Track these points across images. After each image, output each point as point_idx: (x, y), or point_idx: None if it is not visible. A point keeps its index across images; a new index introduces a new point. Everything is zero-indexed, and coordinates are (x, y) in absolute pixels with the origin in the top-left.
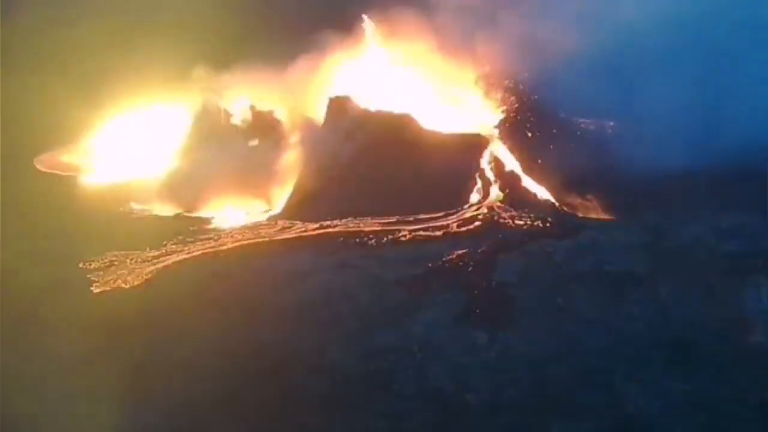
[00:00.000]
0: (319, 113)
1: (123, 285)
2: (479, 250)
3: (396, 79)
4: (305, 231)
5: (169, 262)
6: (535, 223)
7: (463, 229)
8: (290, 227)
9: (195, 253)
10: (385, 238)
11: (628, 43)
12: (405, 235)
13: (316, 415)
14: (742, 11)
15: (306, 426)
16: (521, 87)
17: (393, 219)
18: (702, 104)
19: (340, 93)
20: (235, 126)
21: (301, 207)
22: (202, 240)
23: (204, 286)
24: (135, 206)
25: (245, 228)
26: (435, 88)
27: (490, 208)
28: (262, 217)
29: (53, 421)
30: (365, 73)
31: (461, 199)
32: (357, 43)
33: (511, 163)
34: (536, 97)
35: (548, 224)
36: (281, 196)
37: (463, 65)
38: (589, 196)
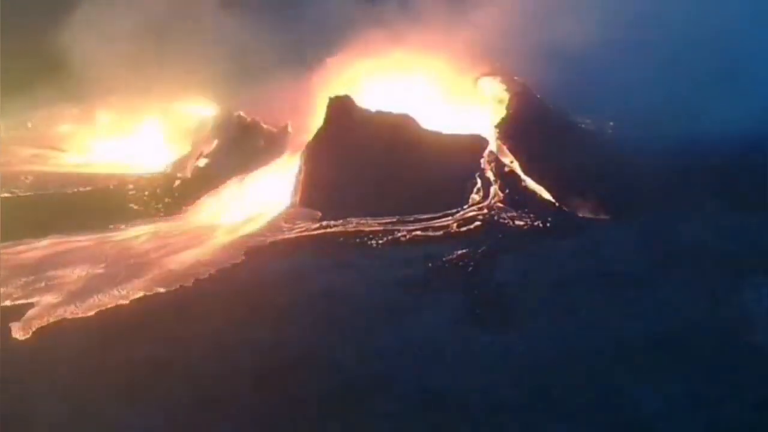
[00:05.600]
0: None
1: None
2: (479, 250)
3: (395, 80)
4: (305, 231)
5: (168, 260)
6: (535, 223)
7: (463, 229)
8: (290, 227)
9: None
10: (385, 238)
11: (628, 43)
12: (405, 235)
13: (316, 416)
14: (743, 11)
15: (304, 426)
16: (521, 87)
17: (393, 219)
18: (702, 104)
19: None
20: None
21: (301, 207)
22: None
23: (202, 285)
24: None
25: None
26: (434, 89)
27: (490, 208)
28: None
29: (49, 421)
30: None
31: (461, 199)
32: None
33: (511, 163)
34: (536, 97)
35: (548, 224)
36: (280, 196)
37: (462, 66)
38: (589, 196)
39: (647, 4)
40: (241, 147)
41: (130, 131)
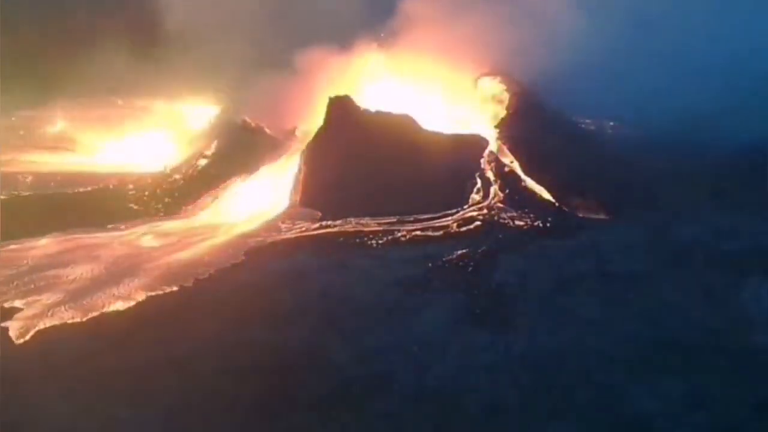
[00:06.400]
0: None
1: None
2: (479, 250)
3: (395, 80)
4: (305, 231)
5: (168, 260)
6: (535, 223)
7: (463, 229)
8: (290, 227)
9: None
10: (385, 238)
11: (628, 43)
12: (405, 235)
13: (315, 415)
14: (743, 12)
15: (305, 426)
16: (521, 87)
17: (393, 219)
18: (702, 104)
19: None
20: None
21: (301, 207)
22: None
23: (203, 285)
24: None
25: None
26: (434, 89)
27: (490, 208)
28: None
29: (50, 421)
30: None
31: (461, 199)
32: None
33: (511, 163)
34: (536, 97)
35: (548, 224)
36: (280, 196)
37: (462, 66)
38: (589, 196)
39: (651, 7)
40: (242, 148)
41: (132, 131)
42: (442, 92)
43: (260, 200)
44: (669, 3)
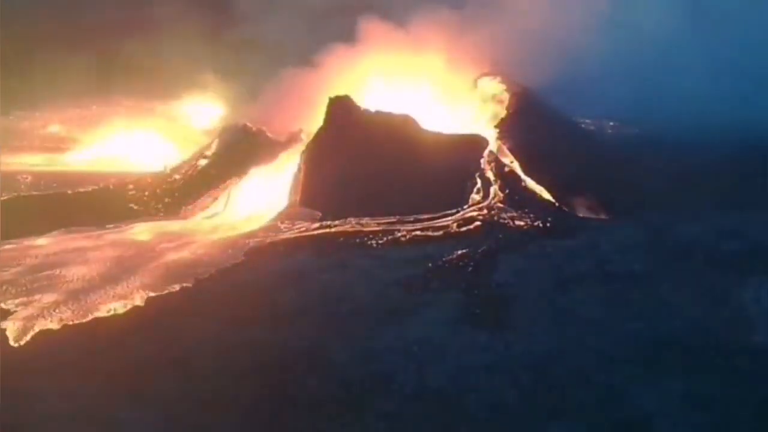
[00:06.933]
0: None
1: None
2: (479, 250)
3: (395, 80)
4: (305, 231)
5: (168, 260)
6: (535, 223)
7: (463, 229)
8: (290, 227)
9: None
10: (385, 238)
11: (629, 44)
12: (405, 235)
13: (315, 415)
14: (743, 12)
15: (304, 426)
16: (521, 87)
17: (393, 219)
18: (702, 104)
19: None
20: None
21: (301, 207)
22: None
23: (202, 285)
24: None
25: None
26: (435, 89)
27: (490, 208)
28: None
29: (50, 421)
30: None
31: (461, 199)
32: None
33: (511, 163)
34: (536, 97)
35: (548, 224)
36: (280, 196)
37: (463, 65)
38: (589, 196)
39: (650, 7)
40: (243, 149)
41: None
42: (443, 92)
43: (260, 200)
44: (669, 3)
